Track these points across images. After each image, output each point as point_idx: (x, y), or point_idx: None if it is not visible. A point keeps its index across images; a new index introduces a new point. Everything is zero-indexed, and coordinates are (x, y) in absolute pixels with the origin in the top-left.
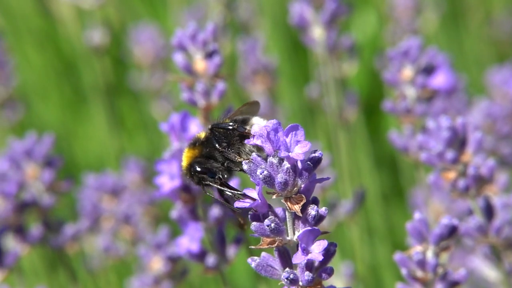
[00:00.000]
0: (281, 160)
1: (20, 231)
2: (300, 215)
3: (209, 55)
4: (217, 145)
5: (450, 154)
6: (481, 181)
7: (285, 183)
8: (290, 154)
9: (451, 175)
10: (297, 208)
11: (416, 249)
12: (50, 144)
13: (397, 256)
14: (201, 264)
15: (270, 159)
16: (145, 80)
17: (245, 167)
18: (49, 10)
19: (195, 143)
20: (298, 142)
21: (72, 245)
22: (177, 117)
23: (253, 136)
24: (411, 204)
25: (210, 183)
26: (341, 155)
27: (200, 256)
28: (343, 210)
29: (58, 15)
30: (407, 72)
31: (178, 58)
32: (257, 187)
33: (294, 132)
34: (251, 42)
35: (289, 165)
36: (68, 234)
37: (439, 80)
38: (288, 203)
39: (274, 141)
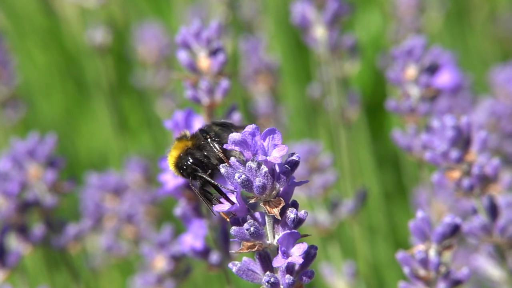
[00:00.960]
0: (259, 164)
1: (23, 231)
2: (279, 218)
3: (213, 53)
4: (208, 140)
5: (454, 154)
6: (485, 180)
7: (263, 187)
8: (267, 158)
9: (456, 174)
10: (276, 211)
11: (419, 248)
12: (53, 144)
13: (400, 254)
14: (204, 262)
15: (249, 163)
16: (149, 78)
17: (222, 171)
18: (52, 9)
19: (185, 136)
20: (275, 145)
21: (75, 245)
22: (181, 115)
23: (230, 141)
24: (413, 203)
25: (202, 176)
26: (343, 155)
27: (204, 253)
28: (345, 209)
29: (62, 13)
30: (411, 71)
31: (182, 55)
32: (236, 191)
33: (271, 136)
34: (254, 42)
35: (267, 169)
36: (70, 234)
37: (444, 78)
38: (267, 206)
39: (252, 145)
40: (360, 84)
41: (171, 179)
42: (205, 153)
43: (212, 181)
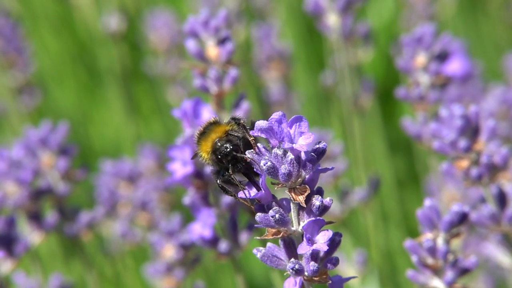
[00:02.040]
0: (285, 151)
1: (36, 218)
2: (304, 205)
3: (221, 42)
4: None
5: (463, 143)
6: (494, 169)
7: (288, 174)
8: (293, 145)
9: (464, 163)
10: (301, 198)
11: (427, 236)
12: (65, 132)
13: (408, 243)
14: (213, 250)
15: (275, 150)
16: (160, 66)
17: (249, 157)
18: None
19: (217, 122)
20: (301, 133)
21: (87, 233)
22: (190, 104)
23: (256, 128)
24: (426, 190)
25: (240, 163)
26: (355, 142)
27: (213, 242)
28: (358, 197)
29: (74, 1)
30: (421, 59)
31: (191, 44)
32: (261, 178)
33: (298, 124)
34: (266, 29)
35: (293, 156)
36: (83, 222)
37: (454, 66)
38: (292, 193)
39: (278, 133)
40: (373, 71)
41: (179, 168)
42: (238, 141)
43: (244, 170)
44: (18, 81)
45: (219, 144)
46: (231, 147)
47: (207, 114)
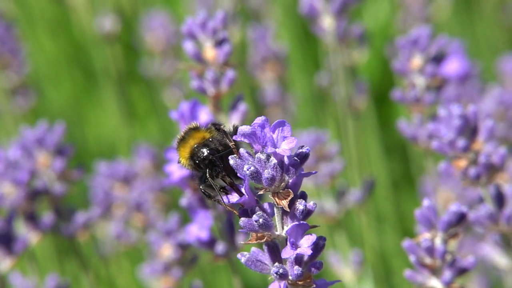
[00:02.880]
0: (268, 156)
1: (32, 218)
2: (288, 210)
3: (219, 43)
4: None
5: (461, 142)
6: (492, 169)
7: (272, 179)
8: (276, 150)
9: (462, 163)
10: (284, 203)
11: (425, 236)
12: (61, 132)
13: (406, 243)
14: (210, 252)
15: (258, 155)
16: (156, 67)
17: (232, 162)
18: None
19: (197, 128)
20: (284, 138)
21: (83, 233)
22: (187, 105)
23: (239, 133)
24: (421, 192)
25: (218, 167)
26: (350, 144)
27: (209, 243)
28: (352, 198)
29: (70, 2)
30: (417, 61)
31: (188, 46)
32: (244, 182)
33: (280, 128)
34: (262, 30)
35: (276, 161)
36: (79, 222)
37: (452, 67)
38: (276, 198)
39: (261, 137)
40: (368, 73)
41: (176, 170)
42: (217, 146)
43: (224, 173)
44: (12, 82)
45: (196, 149)
46: (207, 151)
47: (205, 115)
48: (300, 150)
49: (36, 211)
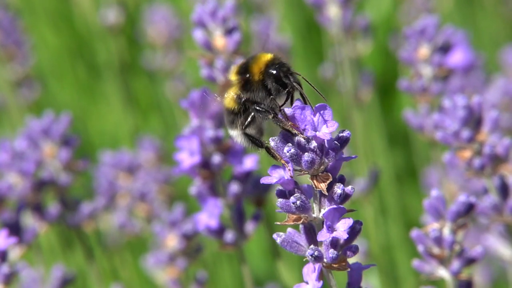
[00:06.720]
0: (308, 139)
1: (38, 209)
2: (326, 193)
3: (228, 32)
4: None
5: (465, 133)
6: (496, 160)
7: (311, 162)
8: (317, 133)
9: (467, 154)
10: (323, 186)
11: (433, 226)
12: (67, 123)
13: (414, 233)
14: (219, 240)
15: (298, 137)
16: (159, 60)
17: (271, 144)
18: None
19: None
20: (325, 121)
21: (89, 223)
22: (197, 94)
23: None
24: (424, 184)
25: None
26: (355, 135)
27: (219, 232)
28: (358, 189)
29: None
30: (424, 50)
31: (198, 34)
32: (289, 164)
33: (321, 112)
34: (265, 22)
35: (316, 144)
36: (85, 212)
37: (457, 58)
38: (315, 181)
39: (301, 120)
40: (371, 64)
41: (186, 158)
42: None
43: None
44: (17, 74)
45: (278, 60)
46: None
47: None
48: (341, 134)
49: (42, 202)
